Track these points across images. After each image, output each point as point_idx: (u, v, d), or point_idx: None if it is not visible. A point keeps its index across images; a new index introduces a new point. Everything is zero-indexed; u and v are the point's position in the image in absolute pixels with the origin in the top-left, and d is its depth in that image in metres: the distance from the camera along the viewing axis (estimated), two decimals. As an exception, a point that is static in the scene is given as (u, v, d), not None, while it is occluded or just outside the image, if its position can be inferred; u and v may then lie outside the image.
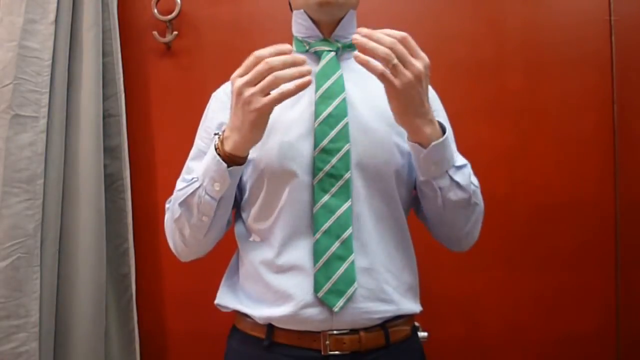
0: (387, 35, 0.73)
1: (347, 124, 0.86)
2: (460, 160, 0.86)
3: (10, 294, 1.17)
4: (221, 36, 1.48)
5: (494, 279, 1.44)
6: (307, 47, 0.94)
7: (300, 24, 0.95)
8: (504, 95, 1.45)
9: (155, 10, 1.43)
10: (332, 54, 0.92)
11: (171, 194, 0.98)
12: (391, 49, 0.72)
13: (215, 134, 0.84)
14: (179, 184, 0.90)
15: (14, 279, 1.17)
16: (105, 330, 1.33)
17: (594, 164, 1.44)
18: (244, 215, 0.94)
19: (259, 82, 0.73)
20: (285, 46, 0.74)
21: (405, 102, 0.76)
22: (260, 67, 0.73)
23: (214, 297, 0.96)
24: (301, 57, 0.74)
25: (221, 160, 0.79)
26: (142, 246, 1.44)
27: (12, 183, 1.19)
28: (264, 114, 0.75)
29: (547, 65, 1.45)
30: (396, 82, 0.73)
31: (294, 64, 0.73)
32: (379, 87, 0.77)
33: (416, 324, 0.98)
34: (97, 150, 1.32)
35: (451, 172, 0.82)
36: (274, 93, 0.74)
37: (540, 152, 1.44)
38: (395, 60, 0.72)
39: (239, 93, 0.74)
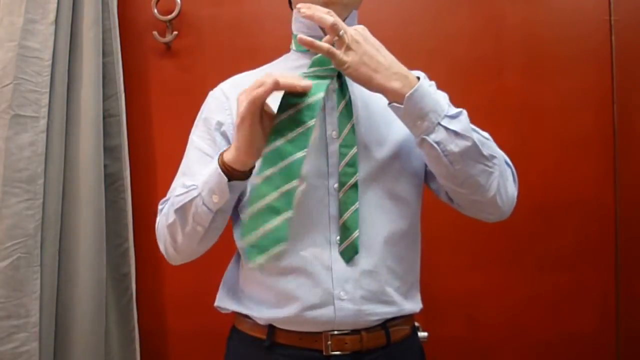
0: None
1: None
2: (454, 109, 0.79)
3: (10, 294, 1.17)
4: (221, 36, 1.47)
5: (494, 279, 1.44)
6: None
7: (301, 22, 0.92)
8: (503, 94, 1.45)
9: (155, 10, 1.43)
10: None
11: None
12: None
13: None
14: (178, 189, 0.86)
15: (14, 279, 1.17)
16: (105, 330, 1.32)
17: (594, 163, 1.44)
18: (243, 216, 0.91)
19: None
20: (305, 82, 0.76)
21: (360, 68, 0.76)
22: (262, 77, 0.72)
23: (214, 297, 0.96)
24: (308, 82, 0.76)
25: (222, 173, 0.78)
26: (142, 246, 1.44)
27: (12, 183, 1.19)
28: (255, 107, 0.72)
29: (546, 64, 1.45)
30: (343, 56, 0.76)
31: (299, 82, 0.75)
32: None
33: (416, 323, 0.98)
34: (97, 150, 1.32)
35: (444, 122, 0.75)
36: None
37: (540, 152, 1.44)
38: (342, 31, 0.76)
39: (239, 102, 0.74)
